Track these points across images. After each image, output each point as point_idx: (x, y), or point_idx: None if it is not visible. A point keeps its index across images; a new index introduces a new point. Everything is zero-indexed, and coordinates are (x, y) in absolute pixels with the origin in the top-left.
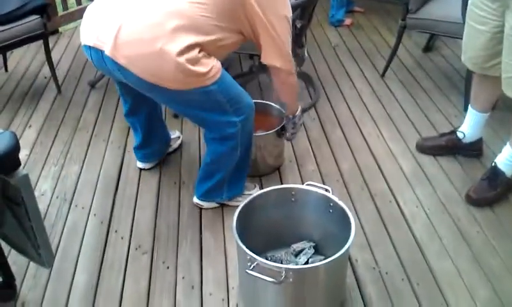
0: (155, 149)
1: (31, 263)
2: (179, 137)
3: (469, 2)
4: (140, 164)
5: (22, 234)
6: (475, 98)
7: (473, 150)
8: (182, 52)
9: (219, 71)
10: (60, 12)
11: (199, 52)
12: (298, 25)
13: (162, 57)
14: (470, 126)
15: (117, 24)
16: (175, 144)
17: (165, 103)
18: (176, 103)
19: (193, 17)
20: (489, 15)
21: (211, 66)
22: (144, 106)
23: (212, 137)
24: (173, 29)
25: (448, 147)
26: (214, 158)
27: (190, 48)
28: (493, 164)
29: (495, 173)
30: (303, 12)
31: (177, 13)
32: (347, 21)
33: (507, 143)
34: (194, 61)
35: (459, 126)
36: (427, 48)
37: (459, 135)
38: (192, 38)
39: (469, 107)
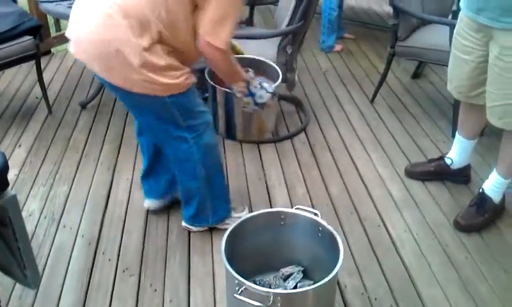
0: (161, 185)
1: (17, 284)
2: None
3: (454, 31)
4: (146, 202)
5: (9, 255)
6: (462, 125)
7: (462, 176)
8: (139, 54)
9: (184, 87)
10: (53, 33)
11: (167, 53)
12: (289, 51)
13: (118, 58)
14: (457, 153)
15: (79, 23)
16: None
17: (127, 105)
18: (134, 107)
19: (140, 13)
20: (473, 44)
21: (176, 80)
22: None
23: (173, 160)
24: (129, 28)
25: (437, 173)
26: (180, 181)
27: (147, 50)
28: (481, 190)
29: (482, 199)
30: (294, 38)
31: (134, 13)
32: (338, 47)
33: (494, 169)
34: (156, 69)
35: (447, 153)
36: (416, 75)
37: (447, 161)
38: (146, 39)
39: (456, 133)
